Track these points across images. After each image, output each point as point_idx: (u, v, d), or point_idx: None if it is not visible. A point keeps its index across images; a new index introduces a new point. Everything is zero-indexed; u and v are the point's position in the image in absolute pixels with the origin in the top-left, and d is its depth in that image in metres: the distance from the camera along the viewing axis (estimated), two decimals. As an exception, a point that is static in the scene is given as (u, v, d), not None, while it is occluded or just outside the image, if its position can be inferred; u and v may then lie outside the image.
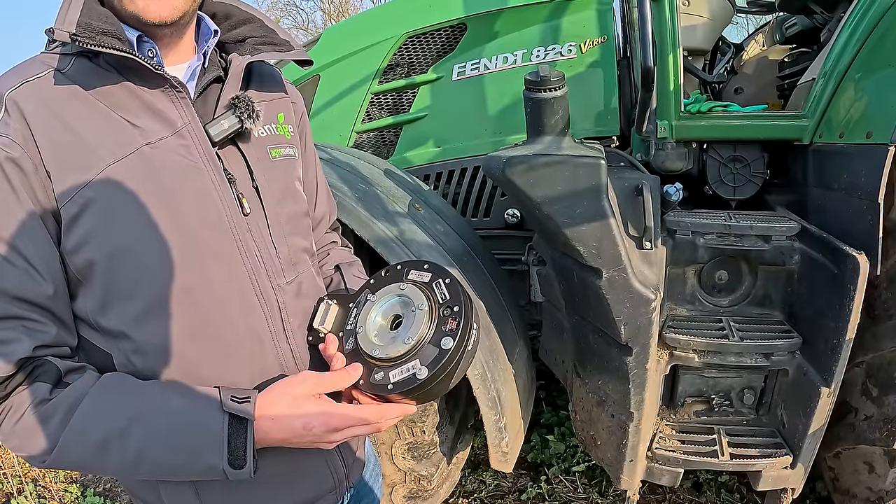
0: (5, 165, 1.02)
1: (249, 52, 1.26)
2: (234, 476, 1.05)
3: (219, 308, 1.14)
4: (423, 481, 2.55)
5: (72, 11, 1.05)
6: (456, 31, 3.06)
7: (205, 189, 1.13)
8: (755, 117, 2.45)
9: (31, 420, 1.03)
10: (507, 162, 1.90)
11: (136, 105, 1.11)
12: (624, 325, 2.02)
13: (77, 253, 1.06)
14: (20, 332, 1.03)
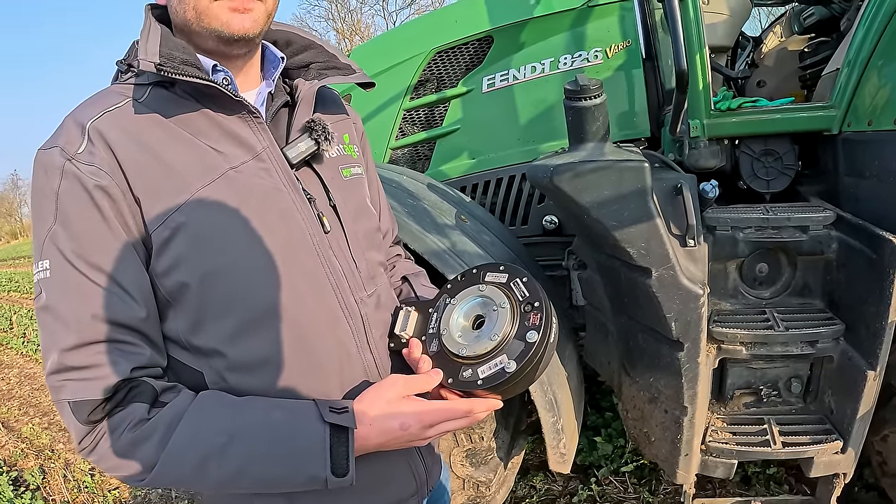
0: (94, 193, 1.08)
1: (315, 77, 1.36)
2: (335, 484, 1.12)
3: (309, 323, 1.22)
4: (481, 487, 2.66)
5: (151, 43, 1.14)
6: (483, 43, 3.17)
7: (288, 210, 1.22)
8: (784, 111, 2.54)
9: (130, 440, 1.08)
10: (555, 170, 2.04)
11: (216, 131, 1.19)
12: (674, 321, 2.13)
13: (168, 276, 1.14)
14: (117, 355, 1.10)
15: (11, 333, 12.32)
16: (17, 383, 8.89)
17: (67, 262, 1.08)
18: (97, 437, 1.09)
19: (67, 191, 1.08)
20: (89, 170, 1.08)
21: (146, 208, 1.12)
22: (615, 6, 3.01)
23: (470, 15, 3.19)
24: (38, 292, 1.10)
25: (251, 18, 1.17)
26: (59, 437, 6.41)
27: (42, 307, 1.10)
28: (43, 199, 1.10)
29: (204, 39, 1.19)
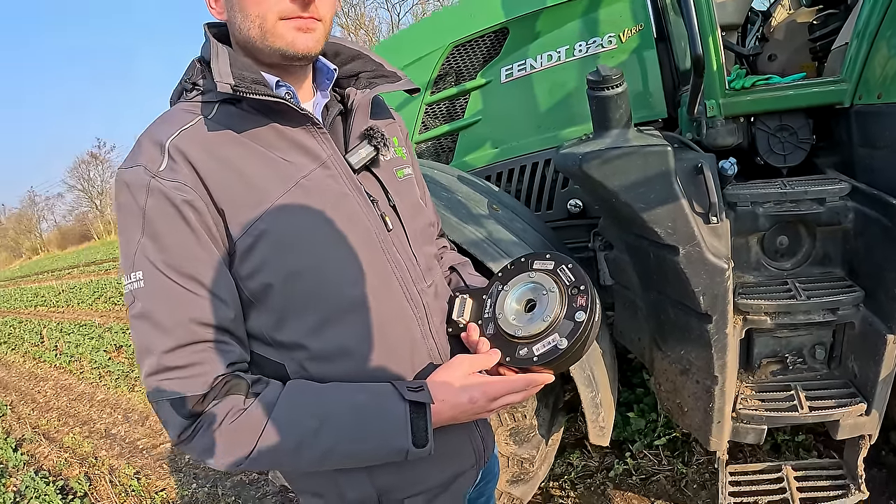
0: (182, 208, 1.17)
1: (366, 86, 1.45)
2: (415, 455, 1.23)
3: (381, 314, 1.32)
4: (525, 464, 2.79)
5: (222, 65, 1.23)
6: (499, 35, 3.27)
7: (355, 212, 1.32)
8: (796, 86, 2.62)
9: (229, 430, 1.17)
10: (583, 158, 2.17)
11: (284, 143, 1.28)
12: (702, 295, 2.25)
13: (253, 278, 1.24)
14: (213, 353, 1.20)
15: (43, 347, 12.58)
16: (53, 395, 9.08)
17: (160, 272, 1.17)
18: (196, 430, 1.18)
19: (154, 206, 1.17)
20: (174, 185, 1.17)
21: (229, 218, 1.21)
22: None
23: (485, 8, 3.28)
24: (131, 301, 1.19)
25: (314, 38, 1.27)
26: (101, 444, 6.57)
27: (137, 315, 1.19)
28: (129, 215, 1.19)
29: (267, 56, 1.28)
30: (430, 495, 1.44)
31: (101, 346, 10.64)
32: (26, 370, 11.40)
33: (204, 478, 5.12)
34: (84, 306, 17.33)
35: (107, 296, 17.47)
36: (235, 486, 4.84)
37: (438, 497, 1.45)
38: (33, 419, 8.10)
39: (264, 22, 1.23)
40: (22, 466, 6.41)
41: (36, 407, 8.74)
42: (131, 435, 6.63)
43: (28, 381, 10.46)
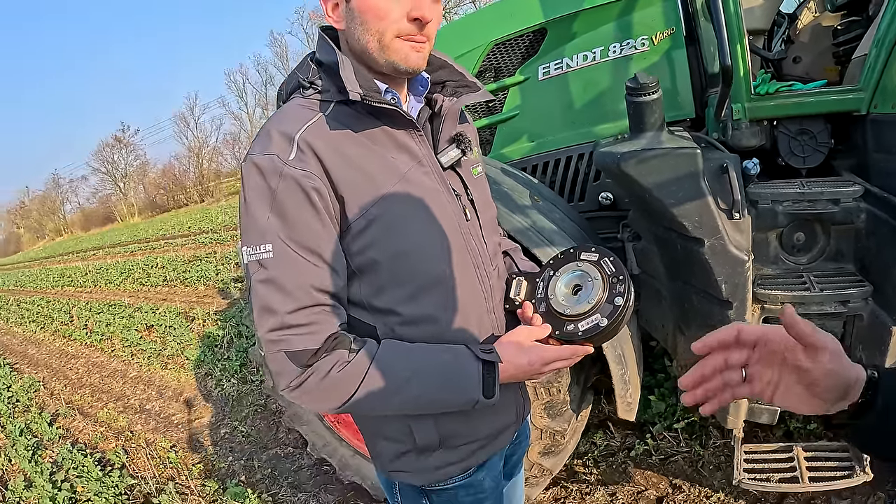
0: (310, 193, 1.36)
1: (453, 94, 1.63)
2: (483, 404, 1.48)
3: (459, 289, 1.55)
4: (556, 436, 3.01)
5: (348, 74, 1.40)
6: (538, 35, 3.43)
7: (443, 204, 1.54)
8: (817, 94, 2.77)
9: (335, 378, 1.39)
10: (621, 157, 2.41)
11: (390, 142, 1.49)
12: (724, 284, 2.48)
13: (362, 254, 1.45)
14: (326, 315, 1.41)
15: (73, 326, 12.79)
16: (85, 372, 9.28)
17: (286, 245, 1.37)
18: (304, 378, 1.40)
19: (285, 190, 1.36)
20: (303, 174, 1.37)
21: (347, 204, 1.42)
22: None
23: (525, 9, 3.44)
24: (257, 269, 1.39)
25: (423, 56, 1.46)
26: (136, 419, 6.76)
27: (263, 280, 1.38)
28: (259, 195, 1.39)
29: (379, 66, 1.46)
30: (479, 444, 1.68)
31: (131, 326, 10.86)
32: (56, 348, 11.64)
33: (240, 451, 5.31)
34: (112, 287, 17.52)
35: (134, 277, 17.62)
36: (271, 459, 5.02)
37: (485, 447, 1.70)
38: (66, 394, 8.32)
39: (383, 37, 1.41)
40: (57, 440, 6.60)
41: (68, 383, 8.96)
42: (166, 410, 6.82)
43: (59, 359, 10.69)
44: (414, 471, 1.66)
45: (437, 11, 1.44)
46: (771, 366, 1.01)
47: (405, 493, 1.75)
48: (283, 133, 1.42)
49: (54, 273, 27.84)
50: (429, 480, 1.67)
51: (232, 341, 7.91)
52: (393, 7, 1.39)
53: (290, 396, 1.44)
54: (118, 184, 76.43)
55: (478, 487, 1.72)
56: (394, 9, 1.39)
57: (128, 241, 34.04)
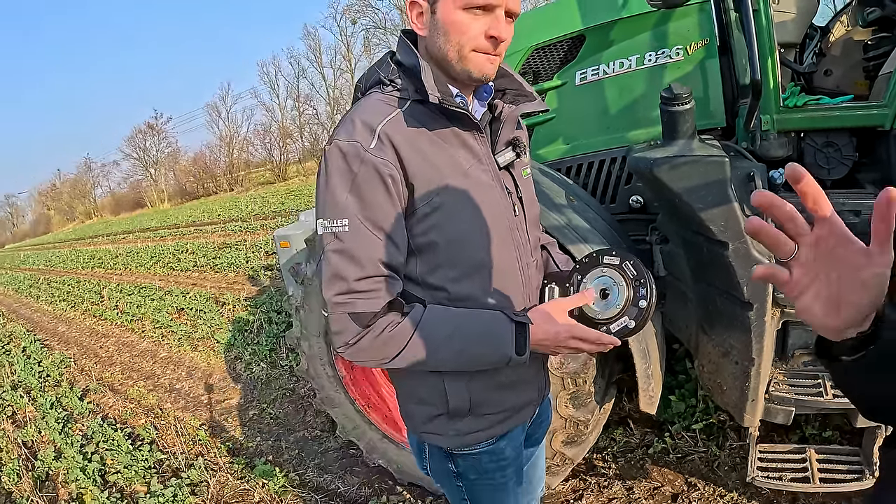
0: (386, 179, 1.55)
1: (512, 102, 1.80)
2: (516, 361, 1.65)
3: (502, 275, 1.74)
4: (580, 426, 3.15)
5: (428, 79, 1.58)
6: (576, 41, 3.57)
7: (496, 199, 1.72)
8: (843, 108, 2.87)
9: (388, 335, 1.58)
10: (654, 162, 2.55)
11: (456, 141, 1.67)
12: (746, 286, 2.60)
13: (423, 236, 1.64)
14: (388, 284, 1.60)
15: (103, 306, 13.01)
16: (116, 351, 9.49)
17: (361, 223, 1.56)
18: (361, 336, 1.59)
19: (364, 173, 1.54)
20: (381, 161, 1.55)
21: (416, 192, 1.60)
22: (694, 7, 3.33)
23: (564, 16, 3.59)
24: (332, 240, 1.58)
25: (494, 67, 1.64)
26: (166, 397, 6.93)
27: (337, 250, 1.57)
28: (341, 176, 1.57)
29: (455, 73, 1.64)
30: (504, 415, 1.85)
31: (162, 308, 11.05)
32: (87, 326, 11.87)
33: (268, 432, 5.47)
34: (142, 270, 17.75)
35: (164, 261, 17.83)
36: (298, 441, 5.18)
37: (509, 418, 1.87)
38: (97, 371, 8.53)
39: (462, 49, 1.59)
40: (87, 414, 6.79)
41: (98, 361, 9.16)
42: (195, 390, 6.98)
43: (89, 337, 10.91)
44: (443, 434, 1.83)
45: (510, 32, 1.61)
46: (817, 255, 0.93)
47: (433, 455, 1.93)
48: (365, 123, 1.59)
49: (84, 255, 28.15)
50: (456, 444, 1.84)
51: (262, 327, 8.05)
52: (474, 24, 1.56)
53: (346, 353, 1.64)
54: (149, 170, 76.96)
55: (500, 454, 1.89)
56: (474, 26, 1.56)
57: (158, 227, 34.38)
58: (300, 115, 65.84)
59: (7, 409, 7.57)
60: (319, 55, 63.33)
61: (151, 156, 77.34)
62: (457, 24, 1.57)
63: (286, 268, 5.57)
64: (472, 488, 1.93)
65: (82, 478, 5.07)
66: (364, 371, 4.02)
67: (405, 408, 1.92)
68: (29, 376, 8.69)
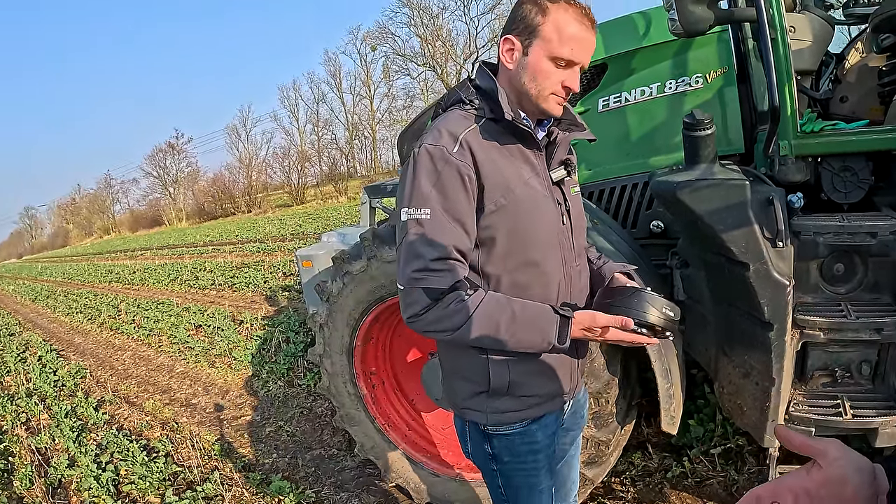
0: (465, 179, 1.82)
1: (566, 129, 2.07)
2: (558, 349, 1.86)
3: (548, 272, 1.97)
4: (601, 446, 3.20)
5: (505, 102, 1.86)
6: (599, 69, 3.66)
7: (549, 208, 1.97)
8: (859, 133, 2.91)
9: (452, 309, 1.81)
10: (678, 185, 2.63)
11: (521, 155, 1.94)
12: (766, 306, 2.66)
13: (487, 230, 1.89)
14: (458, 266, 1.84)
15: (120, 320, 13.14)
16: (132, 364, 9.54)
17: (441, 213, 1.81)
18: (429, 307, 1.82)
19: (447, 172, 1.81)
20: (462, 164, 1.82)
21: (486, 192, 1.86)
22: (714, 36, 3.40)
23: None
24: (415, 225, 1.82)
25: (561, 109, 1.95)
26: (182, 412, 6.95)
27: (418, 234, 1.82)
28: (427, 173, 1.83)
29: (529, 105, 1.94)
30: (537, 399, 2.07)
31: (179, 324, 11.13)
32: (103, 339, 11.97)
33: (284, 449, 5.48)
34: (160, 286, 17.86)
35: (182, 278, 17.95)
36: (315, 459, 5.20)
37: (541, 404, 2.08)
38: (112, 383, 8.57)
39: (542, 91, 1.89)
40: (102, 424, 6.83)
41: (114, 373, 9.23)
42: (211, 406, 7.00)
43: (105, 349, 11.01)
44: (483, 410, 2.05)
45: (578, 84, 1.90)
46: None
47: (473, 436, 2.15)
48: (450, 132, 1.87)
49: (102, 269, 28.41)
50: (493, 421, 2.05)
51: (280, 346, 8.10)
52: (556, 74, 1.87)
53: (413, 323, 1.87)
54: (168, 188, 77.76)
55: (532, 437, 2.09)
56: (556, 76, 1.87)
57: (176, 245, 34.63)
58: (319, 139, 66.69)
59: (21, 415, 7.64)
60: (339, 81, 64.19)
61: (171, 175, 78.23)
62: (544, 71, 1.87)
63: (308, 287, 5.63)
64: (506, 472, 2.13)
65: (95, 486, 5.11)
66: (385, 390, 4.07)
67: (450, 383, 2.15)
68: (44, 385, 8.78)
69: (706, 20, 2.71)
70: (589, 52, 1.88)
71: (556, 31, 1.82)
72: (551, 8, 1.83)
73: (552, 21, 1.82)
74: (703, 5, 2.69)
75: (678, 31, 2.75)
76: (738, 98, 3.44)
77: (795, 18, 3.52)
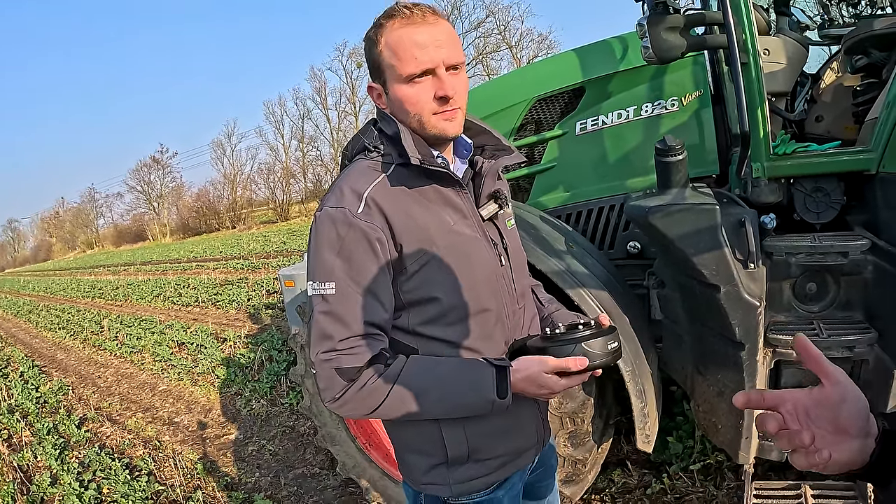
0: (373, 242, 1.63)
1: (491, 157, 1.87)
2: (498, 406, 1.66)
3: (490, 322, 1.80)
4: (578, 465, 3.24)
5: (408, 143, 1.65)
6: (577, 93, 3.71)
7: (483, 251, 1.79)
8: (830, 154, 2.98)
9: (371, 387, 1.63)
10: (649, 210, 2.68)
11: (440, 199, 1.74)
12: (738, 327, 2.72)
13: (414, 291, 1.72)
14: (372, 341, 1.67)
15: (103, 336, 13.11)
16: (115, 381, 9.51)
17: (347, 285, 1.64)
18: (346, 389, 1.64)
19: (351, 237, 1.63)
20: (369, 226, 1.63)
21: (405, 251, 1.68)
22: (689, 60, 3.46)
23: (565, 68, 3.74)
24: (320, 301, 1.66)
25: (457, 123, 1.73)
26: (165, 430, 6.95)
27: (325, 311, 1.66)
28: (329, 242, 1.66)
29: (426, 136, 1.72)
30: (502, 460, 1.88)
31: (163, 341, 11.11)
32: (86, 355, 11.94)
33: (267, 468, 5.51)
34: (143, 303, 17.81)
35: (165, 295, 17.89)
36: (297, 478, 5.21)
37: (507, 464, 1.90)
38: (95, 400, 8.54)
39: (421, 118, 1.69)
40: (84, 442, 6.81)
41: (96, 390, 9.20)
42: (194, 424, 7.00)
43: (88, 366, 10.97)
44: (444, 483, 1.85)
45: (458, 83, 1.70)
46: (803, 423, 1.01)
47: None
48: (353, 190, 1.68)
49: (85, 284, 28.23)
50: (457, 493, 1.86)
51: (263, 364, 8.12)
52: (420, 93, 1.67)
53: (333, 406, 1.70)
54: (152, 203, 77.32)
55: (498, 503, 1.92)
56: (422, 94, 1.68)
57: (159, 260, 34.49)
58: (304, 155, 66.38)
59: (3, 432, 7.63)
60: (324, 97, 63.97)
61: (155, 189, 77.79)
62: (408, 97, 1.69)
63: (291, 306, 5.65)
64: None
65: (78, 504, 5.10)
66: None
67: (403, 459, 1.95)
68: (26, 401, 8.76)
69: (678, 47, 2.76)
70: (441, 46, 1.65)
71: (392, 52, 1.66)
72: (378, 33, 1.69)
73: (384, 46, 1.67)
74: (676, 33, 2.75)
75: (651, 59, 2.81)
76: (713, 121, 3.50)
77: (769, 41, 3.60)
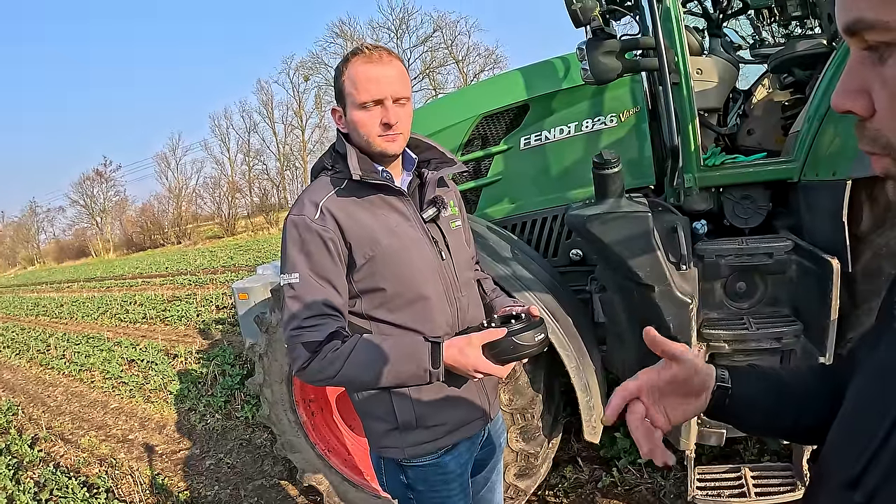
0: (328, 242, 2.01)
1: (436, 168, 2.25)
2: (434, 374, 1.98)
3: (433, 308, 2.14)
4: (530, 459, 3.46)
5: (353, 161, 2.04)
6: (521, 110, 3.94)
7: (424, 249, 2.14)
8: (756, 165, 3.29)
9: (330, 358, 1.96)
10: (587, 218, 2.94)
11: (385, 206, 2.11)
12: (672, 323, 3.00)
13: (364, 282, 2.09)
14: (330, 320, 2.01)
15: (50, 355, 12.86)
16: (64, 400, 9.40)
17: (308, 275, 2.02)
18: (310, 360, 1.97)
19: (309, 238, 2.02)
20: (323, 229, 2.01)
21: (354, 249, 2.05)
22: (627, 79, 3.67)
23: (511, 86, 3.97)
24: (289, 289, 2.03)
25: (398, 144, 2.10)
26: (119, 447, 6.92)
27: (292, 297, 2.01)
28: (294, 241, 2.04)
29: (373, 154, 2.10)
30: (448, 428, 2.20)
31: (112, 359, 10.98)
32: (33, 375, 11.71)
33: (226, 481, 5.58)
34: (89, 320, 17.49)
35: (112, 312, 17.60)
36: (257, 490, 5.30)
37: (453, 432, 2.22)
38: (46, 420, 8.41)
39: (369, 138, 2.06)
40: (38, 462, 6.72)
41: (47, 410, 9.05)
42: (149, 441, 6.97)
43: (36, 385, 10.79)
44: (398, 446, 2.18)
45: (402, 113, 2.07)
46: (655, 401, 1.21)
47: (388, 469, 2.28)
48: (311, 201, 2.07)
49: (28, 301, 27.62)
50: (409, 455, 2.18)
51: (216, 379, 8.14)
52: (370, 119, 2.04)
53: (301, 375, 2.04)
54: (95, 218, 75.33)
55: (444, 468, 2.23)
56: (371, 119, 2.04)
57: (104, 277, 33.74)
58: (250, 169, 66.01)
59: (-47, 454, 7.42)
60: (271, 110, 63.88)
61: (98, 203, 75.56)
62: (360, 120, 2.06)
63: (245, 319, 5.74)
64: (422, 500, 2.26)
65: (36, 524, 5.07)
66: (325, 416, 4.27)
67: (366, 425, 2.27)
68: (-27, 422, 8.55)
69: (615, 70, 3.03)
70: (391, 83, 2.01)
71: (352, 83, 2.01)
72: (344, 66, 2.05)
73: (347, 77, 2.03)
74: (612, 56, 3.02)
75: (590, 80, 3.08)
76: (649, 135, 3.73)
77: (702, 62, 3.87)
